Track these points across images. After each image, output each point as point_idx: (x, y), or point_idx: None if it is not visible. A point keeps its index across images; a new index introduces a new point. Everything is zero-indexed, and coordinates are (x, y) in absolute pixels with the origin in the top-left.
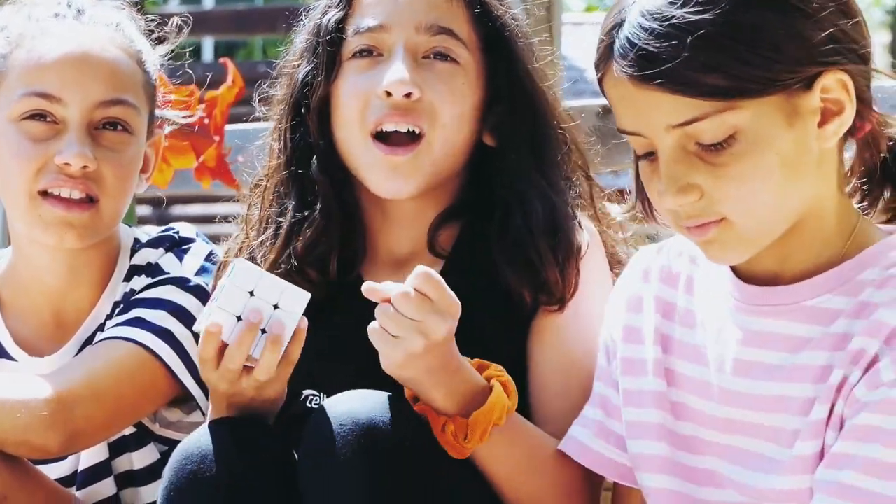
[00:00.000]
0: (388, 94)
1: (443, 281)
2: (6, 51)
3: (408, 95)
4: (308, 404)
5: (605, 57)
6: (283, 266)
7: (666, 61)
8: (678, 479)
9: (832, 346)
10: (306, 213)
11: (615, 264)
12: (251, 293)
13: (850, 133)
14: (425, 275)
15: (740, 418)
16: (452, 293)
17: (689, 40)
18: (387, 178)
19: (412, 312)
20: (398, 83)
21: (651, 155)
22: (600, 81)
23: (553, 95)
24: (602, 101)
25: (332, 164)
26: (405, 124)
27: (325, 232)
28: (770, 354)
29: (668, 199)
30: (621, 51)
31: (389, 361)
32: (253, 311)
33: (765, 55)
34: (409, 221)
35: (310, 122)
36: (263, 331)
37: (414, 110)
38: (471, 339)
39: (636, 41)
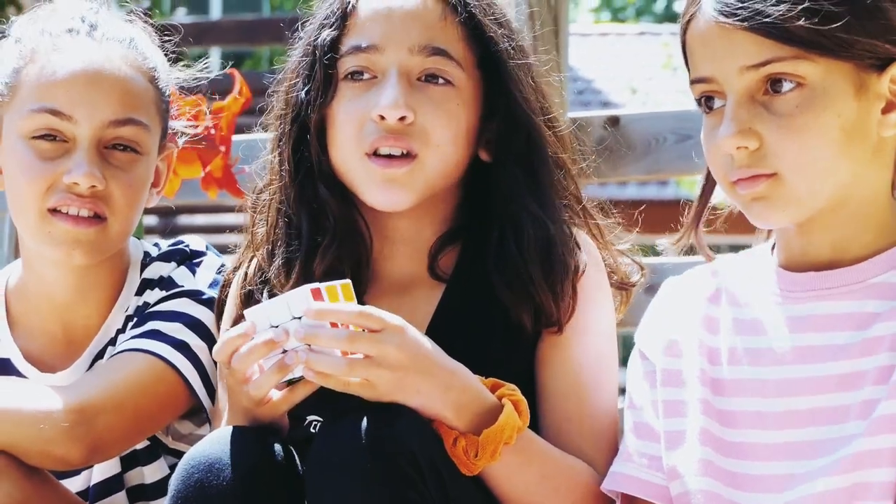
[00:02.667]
0: (382, 117)
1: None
2: (19, 65)
3: (401, 119)
4: (312, 430)
5: (693, 2)
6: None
7: (756, 3)
8: (720, 484)
9: None
10: (320, 239)
11: (615, 280)
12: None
13: None
14: (317, 311)
15: (802, 406)
16: (372, 312)
17: None
18: (383, 190)
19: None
20: (391, 108)
21: (715, 104)
22: (684, 29)
23: (551, 115)
24: (608, 111)
25: (334, 182)
26: (399, 148)
27: (341, 255)
28: (835, 335)
29: (729, 141)
30: None
31: (378, 397)
32: (283, 332)
33: (847, 20)
34: (408, 243)
35: (310, 141)
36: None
37: (407, 134)
38: (475, 363)
39: None
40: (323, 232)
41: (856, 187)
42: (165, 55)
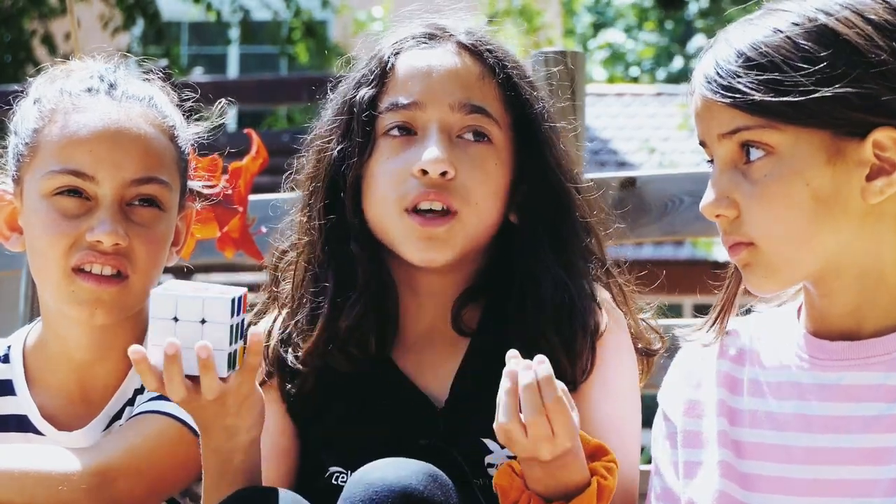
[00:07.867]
0: (424, 172)
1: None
2: (39, 125)
3: (443, 174)
4: (334, 481)
5: (693, 76)
6: (324, 345)
7: (723, 74)
8: None
9: None
10: (349, 294)
11: (640, 347)
12: (175, 319)
13: None
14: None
15: (827, 476)
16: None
17: (747, 58)
18: (423, 248)
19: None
20: (434, 162)
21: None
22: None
23: (579, 179)
24: (624, 173)
25: (368, 240)
26: (439, 203)
27: (367, 311)
28: (866, 406)
29: (706, 208)
30: (698, 68)
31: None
32: (180, 337)
33: (812, 89)
34: (435, 298)
35: (346, 199)
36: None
37: (447, 190)
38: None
39: (709, 59)
40: (350, 289)
41: (851, 255)
42: (184, 114)
